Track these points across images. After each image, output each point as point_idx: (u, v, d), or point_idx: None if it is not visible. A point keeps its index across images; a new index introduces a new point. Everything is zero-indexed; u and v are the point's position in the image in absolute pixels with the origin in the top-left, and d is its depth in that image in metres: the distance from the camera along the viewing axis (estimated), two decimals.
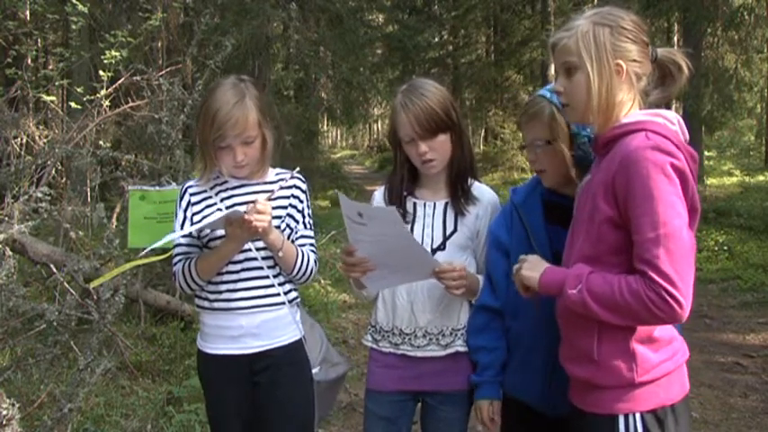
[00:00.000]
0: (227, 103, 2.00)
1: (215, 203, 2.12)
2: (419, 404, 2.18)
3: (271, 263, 2.11)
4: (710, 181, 14.14)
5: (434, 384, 2.09)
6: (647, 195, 1.47)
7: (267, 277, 2.10)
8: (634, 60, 1.60)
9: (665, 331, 1.60)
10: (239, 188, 2.15)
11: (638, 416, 1.57)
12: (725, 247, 8.49)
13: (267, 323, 2.10)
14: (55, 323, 3.09)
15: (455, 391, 2.09)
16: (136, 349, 4.49)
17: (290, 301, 2.14)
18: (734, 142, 21.82)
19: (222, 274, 2.08)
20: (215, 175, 2.15)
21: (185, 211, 2.14)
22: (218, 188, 2.15)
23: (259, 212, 1.91)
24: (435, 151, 2.03)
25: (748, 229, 9.32)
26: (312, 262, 2.15)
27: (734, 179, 14.99)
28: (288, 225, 2.14)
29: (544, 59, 17.28)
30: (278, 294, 2.11)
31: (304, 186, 2.20)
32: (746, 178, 14.91)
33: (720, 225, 9.60)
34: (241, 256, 2.08)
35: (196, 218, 2.11)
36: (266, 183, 2.16)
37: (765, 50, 15.19)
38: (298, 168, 2.15)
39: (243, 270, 2.09)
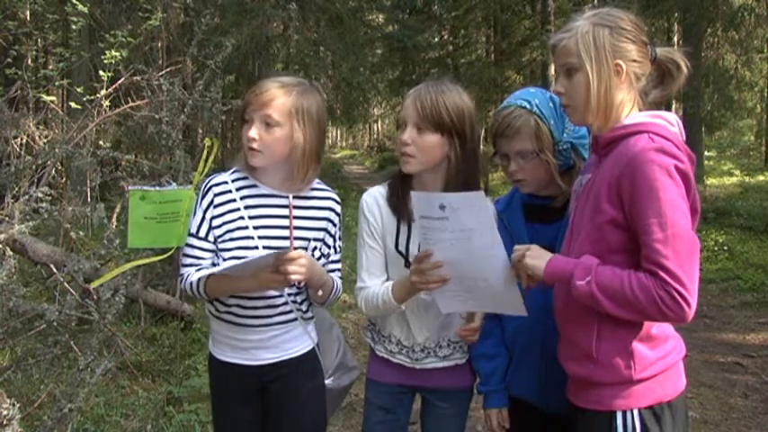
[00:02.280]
0: (274, 81, 1.92)
1: (238, 209, 1.96)
2: (419, 401, 2.18)
3: None
4: (710, 181, 14.12)
5: (433, 381, 2.08)
6: (653, 197, 1.48)
7: (281, 295, 1.97)
8: (634, 60, 1.61)
9: (661, 329, 1.62)
10: (269, 197, 1.99)
11: (635, 412, 1.59)
12: (725, 247, 8.49)
13: (278, 337, 2.00)
14: (55, 323, 3.08)
15: (455, 389, 2.09)
16: (136, 349, 4.48)
17: (303, 318, 2.04)
18: (734, 142, 21.83)
19: None
20: (244, 175, 2.01)
21: (205, 211, 1.98)
22: (245, 191, 1.98)
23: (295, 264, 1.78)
24: (417, 147, 1.88)
25: (748, 229, 9.33)
26: (339, 289, 2.06)
27: (734, 179, 14.98)
28: (320, 251, 2.02)
29: (544, 60, 17.26)
30: (290, 311, 2.00)
31: (339, 208, 2.06)
32: (746, 178, 14.91)
33: (720, 225, 9.60)
34: None
35: (216, 222, 1.97)
36: (301, 197, 1.99)
37: (765, 50, 15.19)
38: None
39: None
